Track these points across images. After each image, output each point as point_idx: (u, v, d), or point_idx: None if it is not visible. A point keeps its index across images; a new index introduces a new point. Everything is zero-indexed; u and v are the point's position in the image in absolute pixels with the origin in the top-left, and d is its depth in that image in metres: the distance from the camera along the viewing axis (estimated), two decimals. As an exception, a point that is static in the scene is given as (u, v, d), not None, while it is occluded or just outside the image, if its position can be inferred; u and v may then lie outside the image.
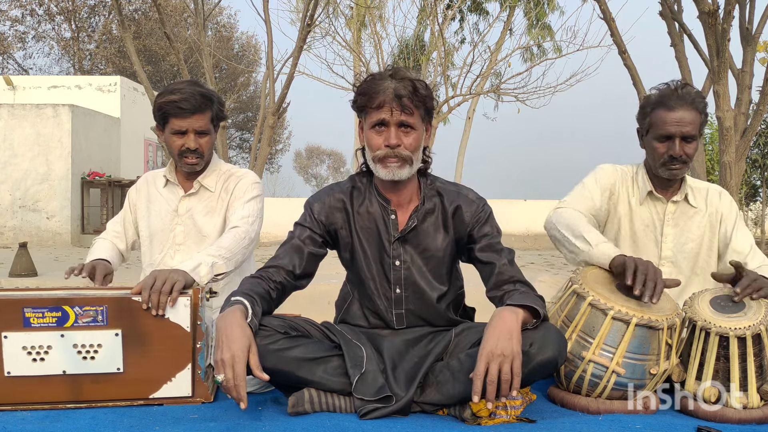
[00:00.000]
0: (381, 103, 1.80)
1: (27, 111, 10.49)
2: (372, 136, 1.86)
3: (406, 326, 1.96)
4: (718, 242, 2.24)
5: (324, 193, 2.00)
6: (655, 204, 2.25)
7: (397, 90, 1.80)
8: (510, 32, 14.88)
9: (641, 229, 2.24)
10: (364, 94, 1.84)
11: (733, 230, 2.22)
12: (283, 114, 7.80)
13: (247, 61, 21.81)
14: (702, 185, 2.29)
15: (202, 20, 8.05)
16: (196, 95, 2.15)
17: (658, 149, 2.14)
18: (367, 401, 1.73)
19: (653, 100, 2.17)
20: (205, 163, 2.28)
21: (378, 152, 1.85)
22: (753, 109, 5.61)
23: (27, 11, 20.18)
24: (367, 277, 1.95)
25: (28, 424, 1.69)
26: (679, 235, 2.23)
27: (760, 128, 9.36)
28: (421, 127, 1.88)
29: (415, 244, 1.94)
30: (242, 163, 23.44)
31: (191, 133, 2.18)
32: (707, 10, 5.14)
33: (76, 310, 1.79)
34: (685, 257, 2.23)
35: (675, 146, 2.10)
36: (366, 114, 1.87)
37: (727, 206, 2.25)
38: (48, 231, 10.39)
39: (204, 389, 1.89)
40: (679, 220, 2.24)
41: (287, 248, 1.93)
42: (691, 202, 2.24)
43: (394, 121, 1.81)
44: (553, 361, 1.72)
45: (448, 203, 1.94)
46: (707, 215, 2.24)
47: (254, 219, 2.22)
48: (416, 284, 1.94)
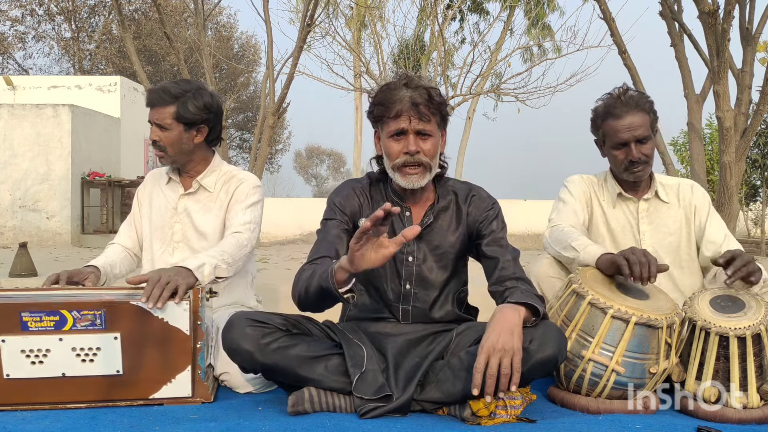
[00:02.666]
0: (399, 113, 1.84)
1: (27, 111, 10.48)
2: (391, 144, 1.89)
3: (411, 321, 1.97)
4: (695, 234, 2.29)
5: (344, 188, 2.04)
6: (627, 204, 2.31)
7: (414, 99, 1.84)
8: (510, 32, 14.88)
9: (618, 230, 2.30)
10: (381, 105, 1.88)
11: (707, 220, 2.27)
12: (283, 114, 7.80)
13: (247, 61, 21.79)
14: (673, 181, 2.35)
15: (202, 20, 8.05)
16: (160, 89, 2.20)
17: (617, 156, 2.23)
18: (367, 400, 1.73)
19: (601, 111, 2.25)
20: (173, 159, 2.26)
21: (397, 160, 1.88)
22: (753, 109, 5.60)
23: (27, 11, 20.16)
24: (378, 272, 1.97)
25: (28, 424, 1.69)
26: (656, 230, 2.28)
27: (760, 128, 9.36)
28: (438, 133, 1.91)
29: (428, 240, 1.97)
30: (242, 163, 23.43)
31: (153, 124, 2.22)
32: (707, 10, 5.14)
33: (74, 314, 1.79)
34: (666, 251, 2.26)
35: (632, 151, 2.18)
36: (383, 124, 1.90)
37: (700, 198, 2.31)
38: (48, 231, 10.38)
39: (204, 389, 1.89)
40: (653, 216, 2.29)
41: (326, 241, 1.91)
42: (663, 197, 2.29)
43: (412, 129, 1.85)
44: (553, 359, 1.72)
45: (461, 200, 2.00)
46: (681, 209, 2.29)
47: (256, 225, 2.25)
48: (426, 280, 1.96)
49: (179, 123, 2.20)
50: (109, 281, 2.24)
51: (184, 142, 2.23)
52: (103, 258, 2.29)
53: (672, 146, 11.63)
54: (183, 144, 2.23)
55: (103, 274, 2.20)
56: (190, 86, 2.24)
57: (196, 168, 2.32)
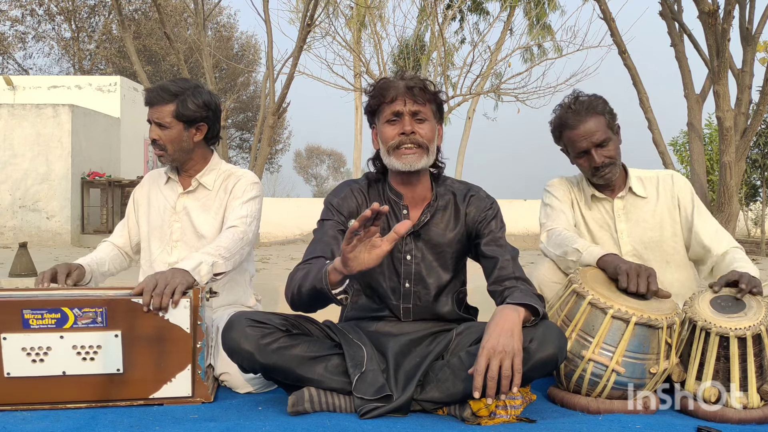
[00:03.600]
0: (394, 97, 1.88)
1: (27, 111, 10.49)
2: (386, 128, 1.91)
3: (412, 319, 1.98)
4: (681, 226, 2.27)
5: (341, 188, 2.04)
6: (603, 204, 2.31)
7: (408, 84, 1.89)
8: (510, 32, 14.88)
9: (597, 230, 2.30)
10: (377, 93, 1.91)
11: (693, 213, 2.25)
12: (283, 114, 7.80)
13: (247, 61, 21.79)
14: (651, 174, 2.33)
15: (202, 20, 8.05)
16: (159, 88, 2.21)
17: (582, 164, 2.24)
18: (367, 400, 1.73)
19: (556, 123, 2.26)
20: (173, 158, 2.26)
21: (392, 142, 1.90)
22: (753, 109, 5.60)
23: (27, 11, 20.16)
24: (377, 271, 1.97)
25: (28, 424, 1.69)
26: (635, 227, 2.26)
27: (760, 128, 9.36)
28: (433, 121, 1.94)
29: (426, 239, 1.97)
30: (242, 163, 23.42)
31: (152, 123, 2.23)
32: (707, 10, 5.14)
33: (75, 311, 1.79)
34: (648, 248, 2.25)
35: (593, 157, 2.18)
36: (380, 112, 1.93)
37: (682, 188, 2.29)
38: (48, 231, 10.39)
39: (204, 389, 1.89)
40: (630, 214, 2.28)
41: (321, 242, 1.91)
42: (638, 192, 2.27)
43: (408, 110, 1.89)
44: (553, 359, 1.72)
45: (460, 200, 2.00)
46: (660, 202, 2.27)
47: (252, 219, 2.23)
48: (425, 279, 1.97)
49: (179, 121, 2.21)
50: (95, 279, 2.25)
51: (184, 140, 2.24)
52: (91, 256, 2.30)
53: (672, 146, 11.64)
54: (183, 142, 2.24)
55: (88, 272, 2.20)
56: (189, 84, 2.24)
57: (196, 167, 2.32)
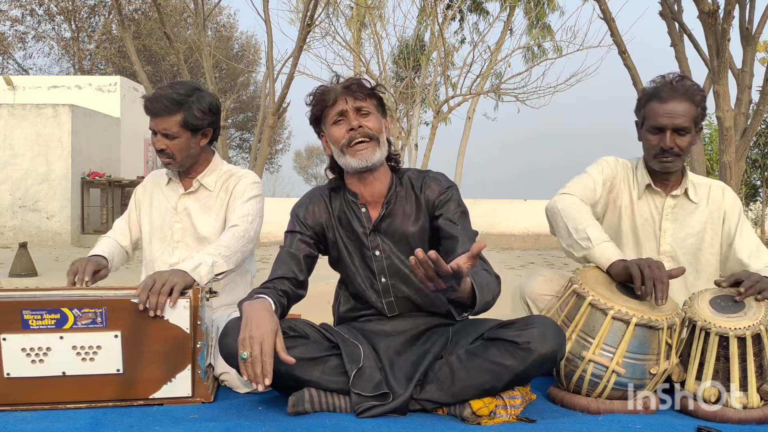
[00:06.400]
0: (335, 98, 1.92)
1: (27, 111, 10.49)
2: (334, 130, 1.94)
3: (398, 313, 1.98)
4: (721, 240, 2.21)
5: (306, 198, 2.08)
6: (654, 198, 2.23)
7: (345, 84, 1.93)
8: (510, 32, 14.86)
9: (640, 223, 2.23)
10: (318, 100, 1.95)
11: (737, 229, 2.18)
12: (283, 114, 7.79)
13: (247, 61, 21.79)
14: (705, 181, 2.26)
15: (202, 20, 8.05)
16: (164, 98, 2.15)
17: (651, 141, 2.14)
18: (365, 397, 1.73)
19: (648, 92, 2.17)
20: (180, 164, 2.26)
21: (343, 140, 1.92)
22: (753, 109, 5.60)
23: (27, 11, 20.15)
24: (353, 272, 2.01)
25: (28, 424, 1.69)
26: (679, 230, 2.20)
27: (760, 128, 9.36)
28: (377, 114, 1.96)
29: (390, 233, 1.98)
30: (242, 163, 23.42)
31: (159, 134, 2.21)
32: (707, 10, 5.14)
33: (75, 312, 1.79)
34: (684, 252, 2.20)
35: (666, 138, 2.09)
36: (324, 117, 1.96)
37: (731, 203, 2.22)
38: (48, 231, 10.39)
39: (204, 389, 1.89)
40: (678, 214, 2.21)
41: (282, 259, 1.98)
42: (692, 197, 2.21)
43: (351, 107, 1.92)
44: (552, 356, 1.72)
45: (417, 188, 2.00)
46: (708, 211, 2.21)
47: (254, 218, 2.22)
48: (400, 271, 1.97)
49: (186, 130, 2.20)
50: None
51: (192, 147, 2.24)
52: (105, 247, 2.32)
53: (672, 146, 11.60)
54: (191, 149, 2.24)
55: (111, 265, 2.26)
56: (190, 89, 2.21)
57: (198, 168, 2.32)
